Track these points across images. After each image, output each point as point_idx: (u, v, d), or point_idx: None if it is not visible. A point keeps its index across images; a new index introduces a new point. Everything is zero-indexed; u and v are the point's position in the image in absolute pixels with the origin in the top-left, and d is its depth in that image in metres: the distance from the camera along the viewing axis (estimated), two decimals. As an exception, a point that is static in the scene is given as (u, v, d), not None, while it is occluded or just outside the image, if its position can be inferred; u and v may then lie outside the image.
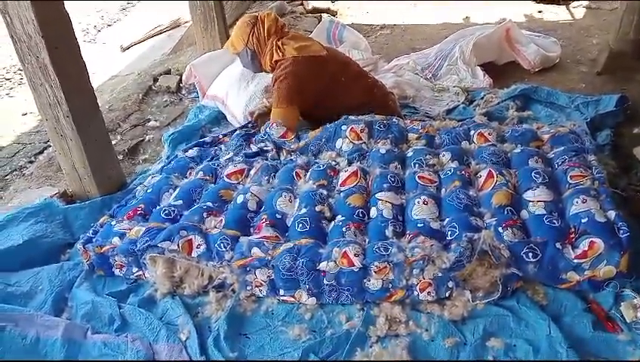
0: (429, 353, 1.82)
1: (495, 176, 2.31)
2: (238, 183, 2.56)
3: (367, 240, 2.12)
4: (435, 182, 2.39)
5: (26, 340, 1.90)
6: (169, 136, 3.19)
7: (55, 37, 2.28)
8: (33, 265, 2.27)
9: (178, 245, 2.11)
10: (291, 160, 2.72)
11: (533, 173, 2.29)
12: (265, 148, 2.85)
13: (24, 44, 2.29)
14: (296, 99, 2.87)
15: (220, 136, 3.08)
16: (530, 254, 1.94)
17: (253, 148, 2.86)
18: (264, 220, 2.24)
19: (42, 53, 2.28)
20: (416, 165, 2.50)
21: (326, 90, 2.93)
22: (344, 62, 3.11)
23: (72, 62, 2.41)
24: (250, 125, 3.09)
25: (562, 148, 2.49)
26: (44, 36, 2.23)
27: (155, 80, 4.08)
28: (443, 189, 2.35)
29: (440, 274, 1.93)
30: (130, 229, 2.27)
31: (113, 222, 2.34)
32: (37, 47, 2.27)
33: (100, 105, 2.69)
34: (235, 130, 3.10)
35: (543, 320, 1.82)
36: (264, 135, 2.87)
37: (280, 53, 2.91)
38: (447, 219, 2.15)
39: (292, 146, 2.80)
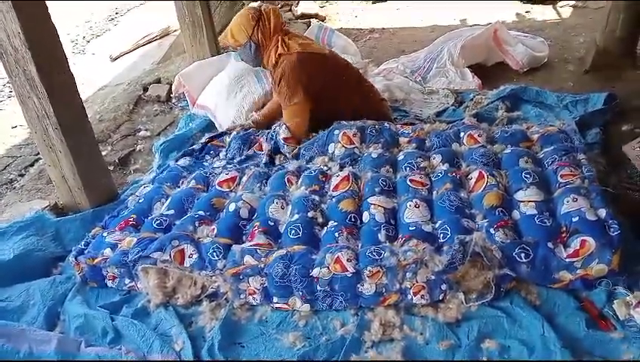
0: (424, 356, 1.81)
1: (486, 178, 2.32)
2: (230, 191, 2.56)
3: (360, 245, 2.12)
4: (427, 184, 2.39)
5: (20, 355, 1.89)
6: (160, 145, 3.18)
7: (42, 49, 2.27)
8: (25, 279, 2.26)
9: (170, 255, 2.10)
10: (282, 166, 2.73)
11: (523, 174, 2.29)
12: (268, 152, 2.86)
13: (11, 57, 2.28)
14: (308, 94, 2.83)
15: (206, 139, 3.08)
16: (523, 254, 1.94)
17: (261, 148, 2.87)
18: (257, 227, 2.24)
19: (29, 66, 2.27)
20: (408, 168, 2.51)
21: (326, 90, 2.89)
22: (345, 64, 3.11)
23: (60, 74, 2.40)
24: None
25: (552, 147, 2.50)
26: (30, 49, 2.22)
27: (145, 89, 4.08)
28: (434, 192, 2.35)
29: (433, 277, 1.93)
30: (122, 240, 2.26)
31: (105, 234, 2.34)
32: (24, 60, 2.26)
33: (90, 115, 2.69)
34: (223, 133, 3.11)
35: (537, 320, 1.82)
36: (272, 135, 2.89)
37: (284, 48, 2.87)
38: (439, 222, 2.15)
39: (290, 152, 2.82)
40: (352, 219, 2.25)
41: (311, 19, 5.39)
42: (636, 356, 1.70)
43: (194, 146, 3.04)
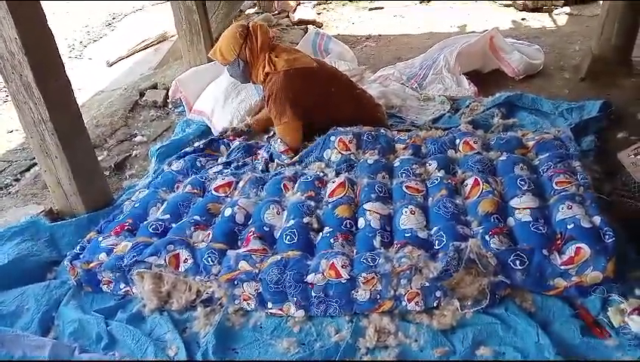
0: (418, 363, 1.81)
1: (481, 184, 2.32)
2: (226, 196, 2.56)
3: (355, 251, 2.12)
4: (422, 191, 2.40)
5: (13, 360, 1.87)
6: (156, 150, 3.17)
7: (38, 55, 2.27)
8: (20, 284, 2.25)
9: (165, 259, 2.10)
10: (279, 172, 2.72)
11: (518, 181, 2.30)
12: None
13: (7, 63, 2.28)
14: (296, 111, 2.87)
15: (201, 146, 3.07)
16: (518, 261, 1.94)
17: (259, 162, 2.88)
18: (252, 233, 2.23)
19: (25, 71, 2.27)
20: (403, 175, 2.51)
21: (317, 102, 2.92)
22: (333, 74, 3.13)
23: (56, 79, 2.40)
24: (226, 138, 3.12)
25: (547, 154, 2.51)
26: (27, 54, 2.22)
27: (142, 94, 4.09)
28: (430, 198, 2.35)
29: (427, 284, 1.92)
30: (117, 245, 2.26)
31: (100, 238, 2.33)
32: (20, 66, 2.26)
33: (86, 120, 2.68)
34: (214, 139, 3.12)
35: (532, 327, 1.83)
36: (269, 147, 2.91)
37: (271, 66, 2.91)
38: (435, 228, 2.15)
39: (287, 160, 2.83)
40: (348, 225, 2.25)
41: (308, 26, 5.41)
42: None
43: (187, 149, 3.04)
